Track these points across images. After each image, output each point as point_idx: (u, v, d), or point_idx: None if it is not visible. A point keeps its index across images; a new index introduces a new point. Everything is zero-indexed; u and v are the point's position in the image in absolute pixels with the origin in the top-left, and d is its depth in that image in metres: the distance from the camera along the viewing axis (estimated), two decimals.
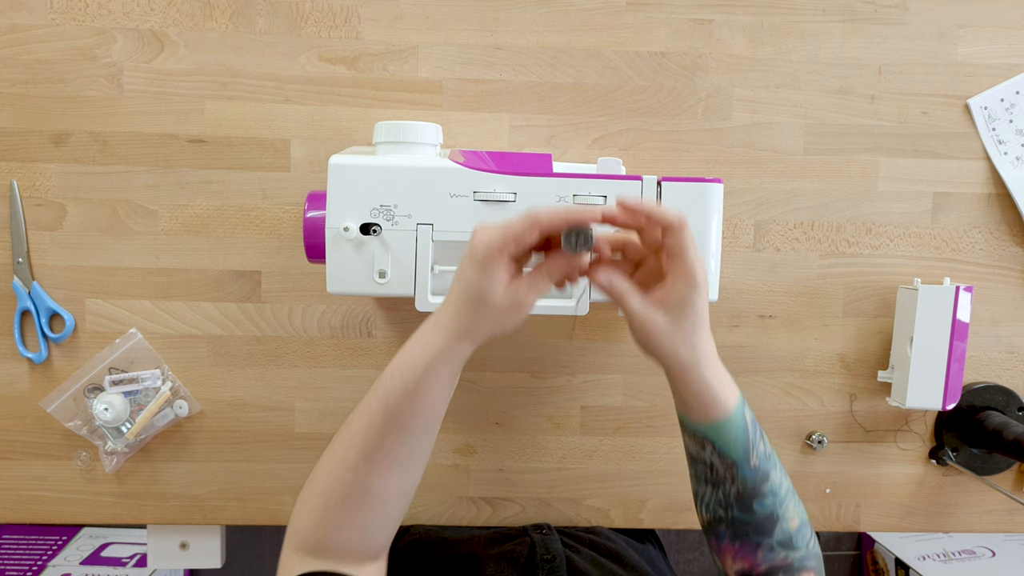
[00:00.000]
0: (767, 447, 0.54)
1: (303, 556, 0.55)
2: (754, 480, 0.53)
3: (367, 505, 0.53)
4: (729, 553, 0.55)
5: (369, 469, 0.53)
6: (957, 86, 0.78)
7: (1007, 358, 0.81)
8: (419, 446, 0.54)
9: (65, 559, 1.47)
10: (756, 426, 0.54)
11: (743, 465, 0.53)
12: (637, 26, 0.76)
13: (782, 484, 0.54)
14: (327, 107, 0.76)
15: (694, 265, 0.49)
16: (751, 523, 0.54)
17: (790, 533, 0.54)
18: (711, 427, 0.53)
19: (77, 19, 0.74)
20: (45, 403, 0.76)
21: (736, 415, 0.53)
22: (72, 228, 0.76)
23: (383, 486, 0.53)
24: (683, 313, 0.50)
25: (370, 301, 0.78)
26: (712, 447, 0.54)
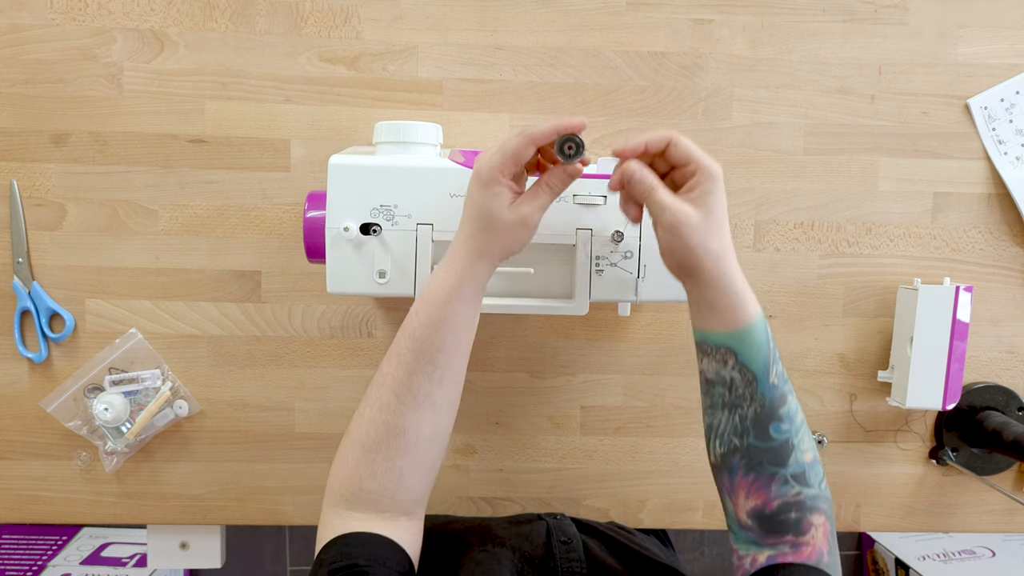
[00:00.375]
0: (783, 370, 0.55)
1: (340, 509, 0.55)
2: (772, 399, 0.53)
3: (401, 447, 0.55)
4: (742, 489, 0.55)
5: (401, 409, 0.54)
6: (957, 86, 0.78)
7: (1007, 358, 0.82)
8: (447, 382, 0.55)
9: (65, 559, 1.47)
10: (775, 345, 0.54)
11: (763, 380, 0.53)
12: (637, 26, 0.76)
13: (798, 412, 0.54)
14: (327, 107, 0.76)
15: (706, 159, 0.52)
16: (766, 450, 0.54)
17: (804, 466, 0.54)
18: (735, 335, 0.53)
19: (77, 19, 0.74)
20: (45, 403, 0.76)
21: (760, 321, 0.54)
22: (72, 228, 0.76)
23: (415, 426, 0.55)
24: (707, 204, 0.52)
25: (370, 301, 0.78)
26: (735, 359, 0.54)
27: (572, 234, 0.63)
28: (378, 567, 0.51)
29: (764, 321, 0.54)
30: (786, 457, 0.54)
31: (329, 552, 0.53)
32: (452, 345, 0.55)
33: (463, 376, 0.57)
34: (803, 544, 0.53)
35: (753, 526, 0.55)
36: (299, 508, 0.80)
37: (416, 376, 0.55)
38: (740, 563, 0.56)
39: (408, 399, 0.55)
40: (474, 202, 0.54)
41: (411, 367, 0.55)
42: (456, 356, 0.56)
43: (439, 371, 0.55)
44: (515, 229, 0.54)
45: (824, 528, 0.54)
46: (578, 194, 0.62)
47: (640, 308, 0.79)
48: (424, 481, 0.57)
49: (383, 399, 0.55)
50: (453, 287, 0.54)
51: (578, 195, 0.62)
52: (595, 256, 0.63)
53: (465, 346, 0.56)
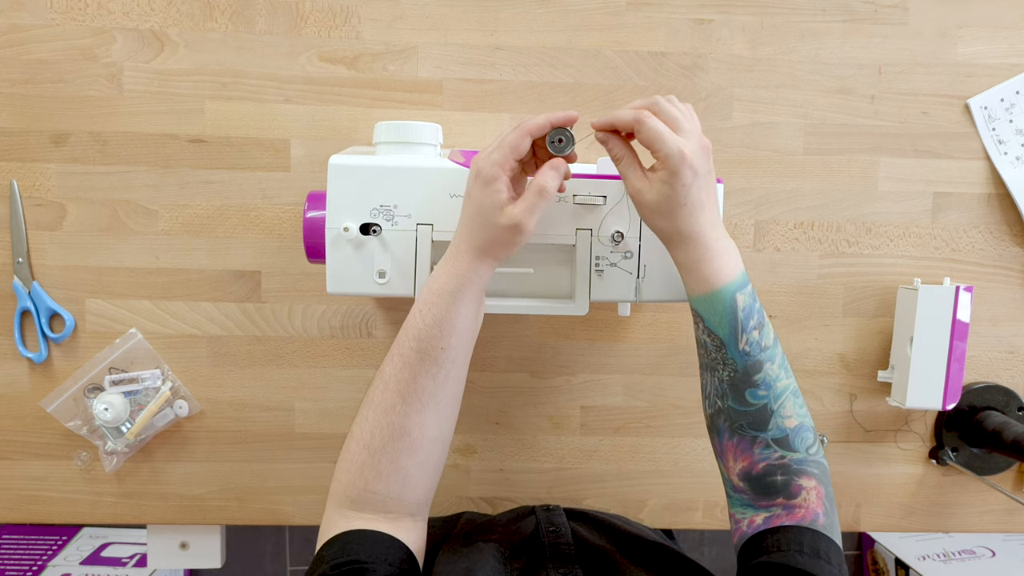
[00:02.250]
0: (766, 341, 0.55)
1: (344, 510, 0.55)
2: (744, 365, 0.54)
3: (406, 449, 0.55)
4: (730, 451, 0.56)
5: (406, 410, 0.55)
6: (957, 86, 0.78)
7: (1007, 358, 0.81)
8: (452, 382, 0.56)
9: (65, 559, 1.47)
10: (755, 316, 0.55)
11: (731, 346, 0.55)
12: (637, 26, 0.76)
13: (778, 379, 0.55)
14: (327, 107, 0.76)
15: (669, 146, 0.52)
16: (745, 414, 0.55)
17: (786, 431, 0.54)
18: (699, 299, 0.56)
19: (77, 19, 0.74)
20: (45, 403, 0.76)
21: (723, 291, 0.55)
22: (72, 228, 0.76)
23: (420, 427, 0.55)
24: (663, 191, 0.53)
25: (370, 301, 0.78)
26: (702, 323, 0.56)
27: (572, 234, 0.63)
28: (380, 564, 0.51)
29: (733, 290, 0.55)
30: (765, 421, 0.55)
31: (330, 549, 0.52)
32: (456, 345, 0.55)
33: (465, 375, 0.58)
34: (795, 507, 0.54)
35: (745, 488, 0.56)
36: (299, 508, 0.80)
37: (421, 377, 0.55)
38: (737, 526, 0.56)
39: (413, 400, 0.55)
40: (473, 201, 0.54)
41: (416, 368, 0.55)
42: (460, 356, 0.56)
43: (443, 371, 0.55)
44: (509, 232, 0.54)
45: (817, 491, 0.54)
46: (578, 194, 0.62)
47: (640, 308, 0.79)
48: (429, 481, 0.57)
49: (388, 401, 0.55)
50: (456, 287, 0.55)
51: (578, 195, 0.62)
52: (595, 256, 0.63)
53: (468, 345, 0.57)
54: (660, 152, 0.52)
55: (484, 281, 0.56)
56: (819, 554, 0.51)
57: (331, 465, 0.79)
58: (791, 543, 0.52)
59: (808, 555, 0.50)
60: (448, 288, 0.55)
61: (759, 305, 0.56)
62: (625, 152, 0.56)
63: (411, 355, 0.55)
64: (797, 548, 0.51)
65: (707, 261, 0.55)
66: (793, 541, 0.52)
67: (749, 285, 0.56)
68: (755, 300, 0.56)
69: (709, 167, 0.55)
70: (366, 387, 0.79)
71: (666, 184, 0.53)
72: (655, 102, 0.55)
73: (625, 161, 0.56)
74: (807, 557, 0.50)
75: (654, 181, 0.54)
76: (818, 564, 0.50)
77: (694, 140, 0.53)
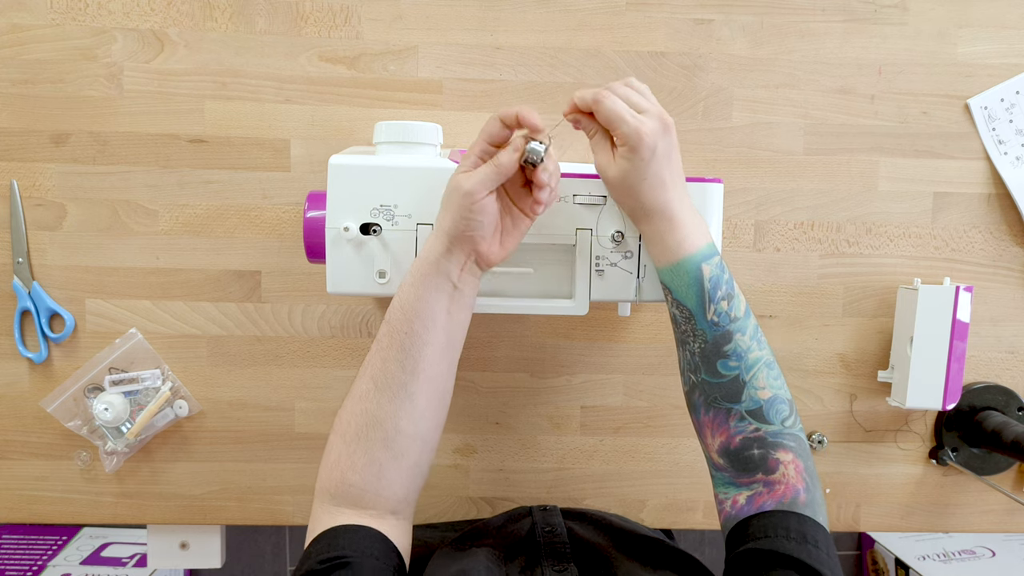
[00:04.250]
0: (736, 312, 0.56)
1: (328, 505, 0.56)
2: (714, 336, 0.55)
3: (379, 440, 0.55)
4: (707, 427, 0.57)
5: (378, 398, 0.55)
6: (957, 86, 0.78)
7: (1007, 358, 0.82)
8: (421, 375, 0.55)
9: (65, 559, 1.47)
10: (723, 287, 0.56)
11: (699, 316, 0.56)
12: (637, 26, 0.76)
13: (750, 350, 0.55)
14: (327, 107, 0.76)
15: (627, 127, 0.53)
16: (718, 386, 0.55)
17: (760, 402, 0.55)
18: (665, 271, 0.57)
19: (77, 19, 0.74)
20: (45, 403, 0.76)
21: (687, 261, 0.56)
22: (72, 228, 0.76)
23: (392, 418, 0.55)
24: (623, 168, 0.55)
25: (370, 301, 0.78)
26: (671, 296, 0.57)
27: (572, 234, 0.63)
28: (366, 559, 0.51)
29: (698, 261, 0.56)
30: (739, 393, 0.55)
31: (317, 544, 0.53)
32: (420, 332, 0.55)
33: (444, 377, 0.57)
34: (775, 483, 0.54)
35: (725, 465, 0.56)
36: (299, 508, 0.80)
37: (389, 363, 0.55)
38: (722, 506, 0.56)
39: (384, 388, 0.55)
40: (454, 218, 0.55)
41: (385, 352, 0.55)
42: (428, 347, 0.55)
43: (411, 360, 0.55)
44: (460, 200, 0.54)
45: (796, 465, 0.54)
46: (578, 194, 0.62)
47: (640, 308, 0.79)
48: (406, 479, 0.56)
49: (362, 387, 0.56)
50: (419, 270, 0.56)
51: (578, 195, 0.62)
52: (595, 256, 0.63)
53: (440, 337, 0.56)
54: (618, 131, 0.54)
55: (448, 270, 0.56)
56: (806, 538, 0.50)
57: None
58: (777, 528, 0.51)
59: (795, 540, 0.50)
60: (414, 271, 0.56)
61: (728, 275, 0.56)
62: (596, 129, 0.57)
63: (383, 339, 0.56)
64: (784, 533, 0.51)
65: (671, 232, 0.56)
66: (779, 526, 0.51)
67: (717, 256, 0.57)
68: (723, 271, 0.56)
69: (670, 143, 0.56)
70: None
71: (626, 160, 0.54)
72: (611, 86, 0.56)
73: (596, 138, 0.57)
74: (794, 543, 0.50)
75: (617, 158, 0.55)
76: (805, 549, 0.49)
77: (653, 118, 0.54)
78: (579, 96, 0.56)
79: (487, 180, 0.54)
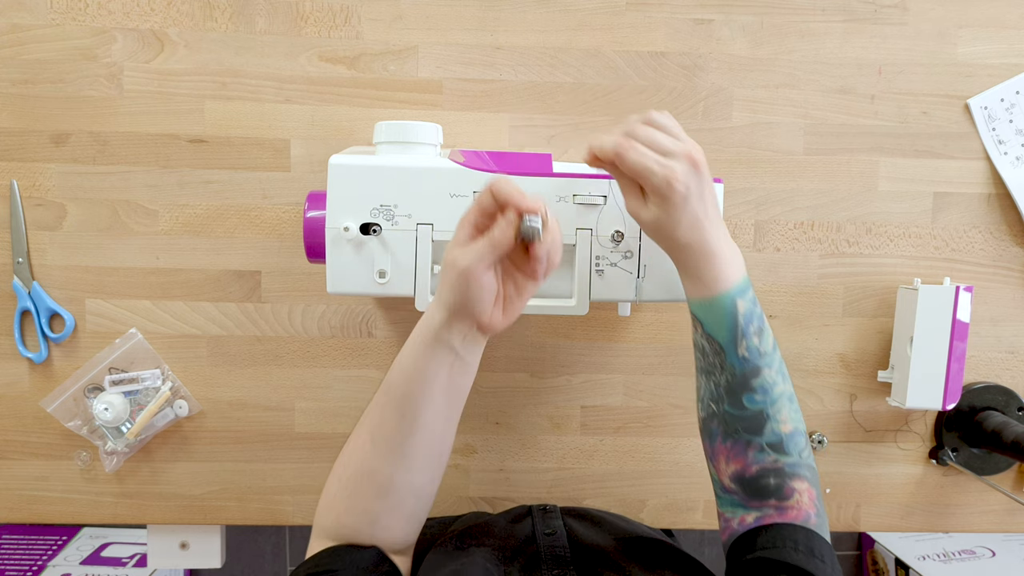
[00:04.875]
0: (765, 347, 0.55)
1: (324, 540, 0.56)
2: (743, 371, 0.54)
3: (373, 491, 0.54)
4: (722, 454, 0.56)
5: (375, 452, 0.54)
6: (957, 86, 0.78)
7: (1007, 358, 0.82)
8: (419, 435, 0.54)
9: (65, 559, 1.47)
10: (755, 322, 0.54)
11: (730, 351, 0.54)
12: (637, 26, 0.76)
13: (775, 384, 0.55)
14: (327, 107, 0.76)
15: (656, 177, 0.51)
16: (741, 418, 0.55)
17: (781, 435, 0.54)
18: (698, 304, 0.56)
19: (77, 19, 0.74)
20: (45, 403, 0.76)
21: (723, 298, 0.54)
22: (72, 228, 0.76)
23: (388, 474, 0.54)
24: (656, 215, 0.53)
25: (370, 301, 0.78)
26: (701, 328, 0.56)
27: (572, 234, 0.63)
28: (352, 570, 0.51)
29: (733, 297, 0.54)
30: (761, 426, 0.54)
31: (306, 564, 0.53)
32: (419, 397, 0.53)
33: (442, 437, 0.55)
34: (788, 508, 0.54)
35: (736, 490, 0.55)
36: (299, 508, 0.80)
37: (387, 421, 0.54)
38: (727, 525, 0.56)
39: (380, 442, 0.54)
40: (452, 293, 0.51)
41: (383, 410, 0.54)
42: (427, 410, 0.53)
43: (407, 421, 0.53)
44: (456, 278, 0.50)
45: (809, 493, 0.54)
46: (578, 194, 0.62)
47: (640, 308, 0.79)
48: (401, 525, 0.56)
49: (361, 438, 0.55)
50: (419, 336, 0.53)
51: (578, 195, 0.62)
52: (595, 256, 0.63)
53: (436, 402, 0.53)
54: (646, 183, 0.52)
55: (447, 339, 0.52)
56: (813, 552, 0.51)
57: (331, 465, 0.79)
58: (785, 540, 0.52)
59: (803, 553, 0.50)
60: (416, 337, 0.53)
61: (760, 310, 0.56)
62: (621, 175, 0.55)
63: (381, 396, 0.55)
64: (792, 545, 0.51)
65: (707, 268, 0.54)
66: (788, 538, 0.52)
67: (751, 290, 0.56)
68: (756, 305, 0.55)
69: (702, 181, 0.53)
70: (365, 387, 0.80)
71: (658, 208, 0.53)
72: (631, 131, 0.53)
73: (621, 182, 0.55)
74: (802, 555, 0.50)
75: (649, 204, 0.53)
76: (812, 562, 0.50)
77: (680, 159, 0.52)
78: (598, 148, 0.53)
79: (483, 257, 0.49)
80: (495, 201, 0.50)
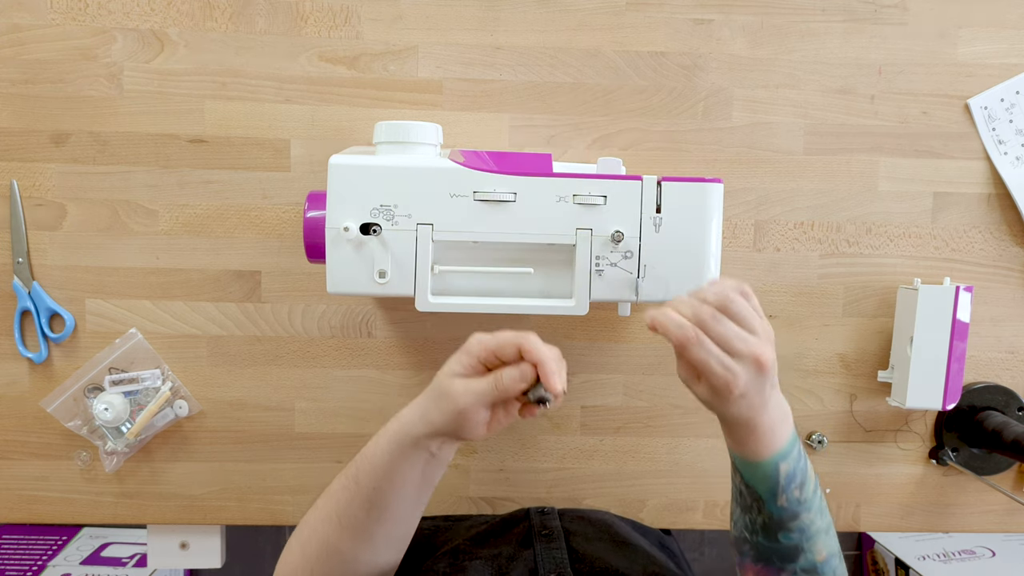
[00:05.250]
0: (806, 495, 0.53)
1: None
2: (780, 517, 0.53)
3: (337, 566, 0.55)
4: (751, 571, 0.56)
5: (340, 531, 0.54)
6: (957, 86, 0.78)
7: (1007, 358, 0.81)
8: (387, 523, 0.55)
9: (65, 559, 1.47)
10: (797, 478, 0.53)
11: (769, 502, 0.53)
12: (637, 26, 0.76)
13: (813, 523, 0.54)
14: (327, 107, 0.76)
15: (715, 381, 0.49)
16: (775, 550, 0.54)
17: (815, 563, 0.54)
18: (741, 461, 0.54)
19: (77, 19, 0.74)
20: (45, 403, 0.76)
21: (766, 464, 0.52)
22: (72, 228, 0.76)
23: (352, 551, 0.55)
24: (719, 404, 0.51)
25: (370, 301, 0.78)
26: (740, 476, 0.55)
27: (572, 234, 0.63)
28: None
29: (778, 460, 0.52)
30: (796, 556, 0.54)
31: None
32: (389, 491, 0.53)
33: (409, 521, 0.56)
34: None
35: None
36: (299, 508, 0.80)
37: (354, 507, 0.54)
38: None
39: (346, 525, 0.54)
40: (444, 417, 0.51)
41: (352, 495, 0.54)
42: (398, 503, 0.54)
43: (377, 510, 0.54)
44: (452, 410, 0.50)
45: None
46: (578, 194, 0.62)
47: (640, 308, 0.79)
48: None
49: (326, 512, 0.55)
50: (395, 439, 0.53)
51: (578, 195, 0.62)
52: (595, 256, 0.63)
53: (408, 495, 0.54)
54: (704, 377, 0.49)
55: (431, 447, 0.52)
56: None
57: (331, 465, 0.80)
58: None
59: None
60: (391, 437, 0.53)
61: (804, 461, 0.54)
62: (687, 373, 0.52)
63: (351, 481, 0.54)
64: None
65: (751, 439, 0.52)
66: None
67: (796, 447, 0.53)
68: (799, 460, 0.53)
69: (765, 380, 0.50)
70: (366, 387, 0.80)
71: (710, 396, 0.51)
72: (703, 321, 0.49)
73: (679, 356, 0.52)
74: None
75: (701, 385, 0.51)
76: None
77: (747, 365, 0.49)
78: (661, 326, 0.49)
79: (484, 399, 0.49)
80: (517, 354, 0.49)
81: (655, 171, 0.77)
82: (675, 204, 0.63)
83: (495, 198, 0.62)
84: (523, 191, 0.62)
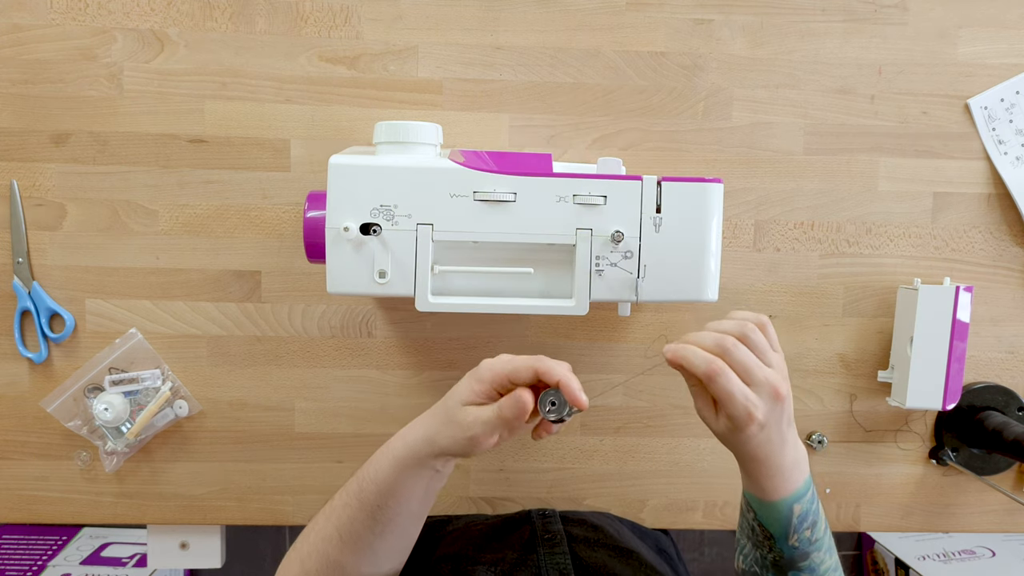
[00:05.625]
0: (817, 534, 0.54)
1: None
2: (791, 555, 0.54)
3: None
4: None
5: (340, 547, 0.55)
6: (957, 86, 0.78)
7: (1007, 358, 0.81)
8: (390, 536, 0.55)
9: (65, 559, 1.47)
10: (810, 518, 0.54)
11: (781, 540, 0.54)
12: (637, 26, 0.76)
13: (823, 563, 0.55)
14: (327, 107, 0.76)
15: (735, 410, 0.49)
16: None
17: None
18: (754, 499, 0.55)
19: (77, 19, 0.74)
20: (45, 403, 0.76)
21: (780, 504, 0.53)
22: (72, 228, 0.76)
23: (354, 566, 0.55)
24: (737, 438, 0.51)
25: (370, 301, 0.78)
26: (754, 515, 0.55)
27: (572, 234, 0.63)
28: None
29: (792, 501, 0.53)
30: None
31: None
32: (393, 507, 0.54)
33: (411, 533, 0.57)
34: None
35: None
36: (299, 508, 0.80)
37: (356, 523, 0.54)
38: None
39: (348, 539, 0.55)
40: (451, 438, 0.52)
41: (355, 512, 0.55)
42: (400, 516, 0.55)
43: (380, 525, 0.54)
44: (463, 437, 0.50)
45: None
46: (578, 194, 0.62)
47: (640, 308, 0.79)
48: None
49: (327, 530, 0.56)
50: (400, 457, 0.54)
51: (578, 195, 0.62)
52: (595, 256, 0.63)
53: (411, 509, 0.55)
54: (725, 408, 0.50)
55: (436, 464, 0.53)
56: None
57: (331, 465, 0.80)
58: None
59: None
60: (395, 455, 0.54)
61: (816, 505, 0.55)
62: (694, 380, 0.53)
63: (353, 499, 0.55)
64: None
65: (767, 478, 0.53)
66: None
67: (810, 490, 0.54)
68: (812, 502, 0.54)
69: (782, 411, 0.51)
70: (366, 388, 0.80)
71: (729, 429, 0.51)
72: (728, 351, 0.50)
73: (693, 388, 0.54)
74: None
75: (720, 418, 0.51)
76: None
77: (765, 395, 0.50)
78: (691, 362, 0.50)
79: (495, 428, 0.50)
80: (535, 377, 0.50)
81: (655, 171, 0.77)
82: (675, 204, 0.63)
83: (495, 198, 0.62)
84: (523, 191, 0.62)
